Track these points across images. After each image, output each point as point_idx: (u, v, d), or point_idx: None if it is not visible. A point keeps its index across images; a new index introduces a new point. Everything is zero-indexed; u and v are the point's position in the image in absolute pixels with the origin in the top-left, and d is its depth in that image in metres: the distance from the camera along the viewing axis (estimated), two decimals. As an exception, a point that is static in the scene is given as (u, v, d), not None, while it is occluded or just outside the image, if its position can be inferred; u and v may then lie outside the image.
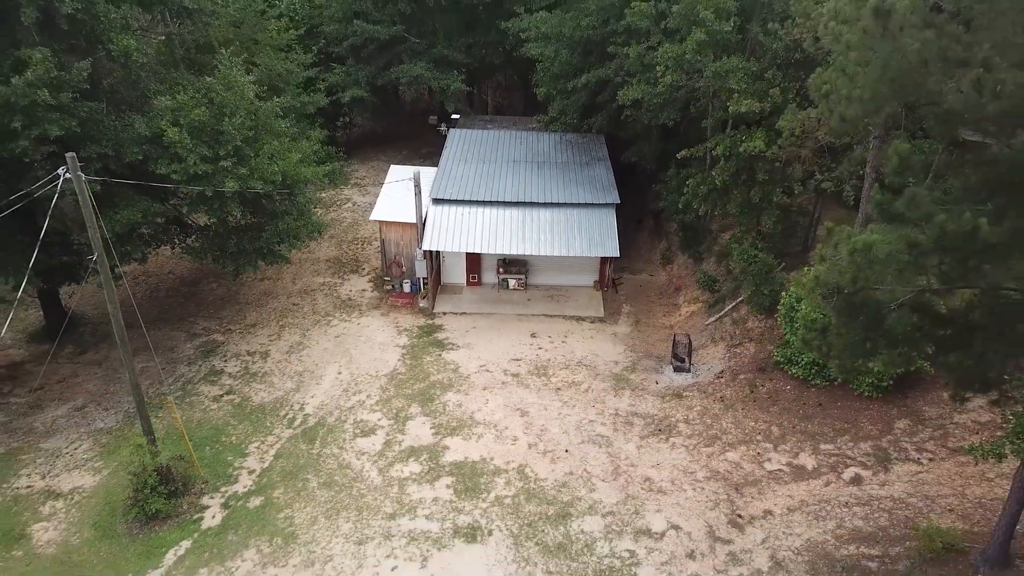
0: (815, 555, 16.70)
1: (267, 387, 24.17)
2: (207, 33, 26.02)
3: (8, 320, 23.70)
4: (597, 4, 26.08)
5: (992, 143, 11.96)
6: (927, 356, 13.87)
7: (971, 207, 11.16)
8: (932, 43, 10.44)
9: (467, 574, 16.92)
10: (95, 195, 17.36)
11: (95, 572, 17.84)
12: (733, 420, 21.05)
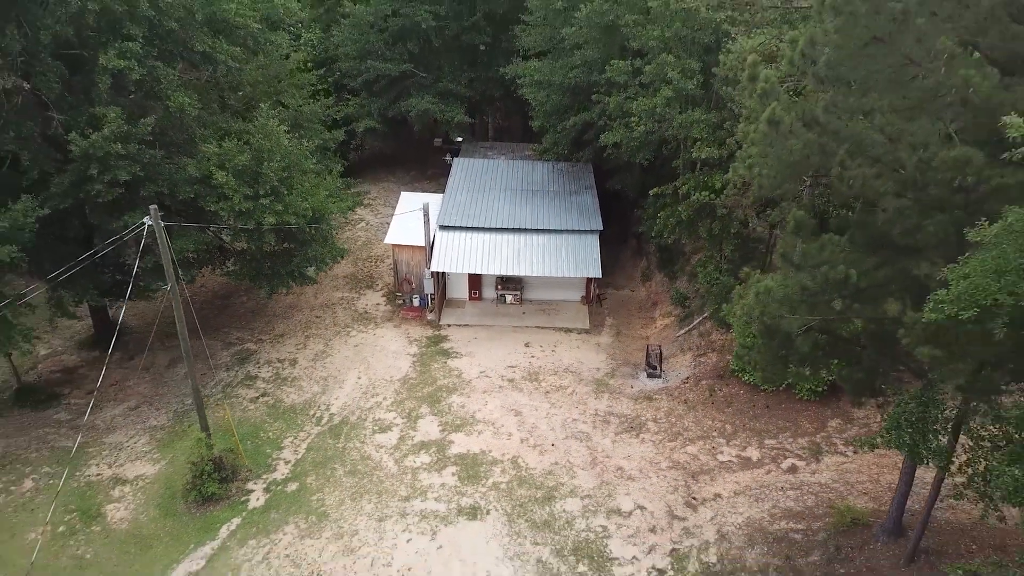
0: (753, 529, 20.34)
1: (297, 390, 27.86)
2: (239, 77, 29.59)
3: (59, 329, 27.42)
4: (582, 58, 29.77)
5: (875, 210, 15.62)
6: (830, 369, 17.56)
7: (857, 256, 14.83)
8: (813, 142, 14.08)
9: (469, 545, 20.57)
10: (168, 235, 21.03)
11: (162, 544, 21.50)
12: (694, 419, 24.71)
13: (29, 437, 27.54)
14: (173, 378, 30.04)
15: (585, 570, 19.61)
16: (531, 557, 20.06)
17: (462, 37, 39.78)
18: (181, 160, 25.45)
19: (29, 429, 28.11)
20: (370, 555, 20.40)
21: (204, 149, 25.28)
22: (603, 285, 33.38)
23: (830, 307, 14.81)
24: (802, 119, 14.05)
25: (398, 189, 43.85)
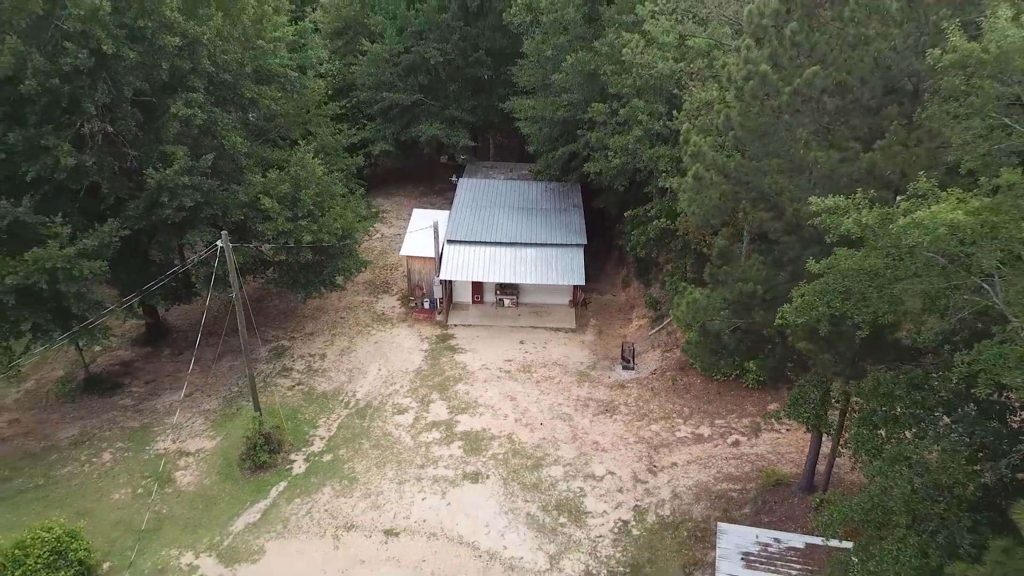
0: (700, 489, 25.13)
1: (327, 380, 32.69)
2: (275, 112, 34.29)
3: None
4: (568, 99, 34.55)
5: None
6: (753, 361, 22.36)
7: (769, 274, 19.55)
8: (728, 191, 18.86)
9: (472, 503, 25.36)
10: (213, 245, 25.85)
11: (224, 502, 26.32)
12: (658, 403, 29.50)
13: (101, 419, 32.41)
14: (219, 370, 34.87)
15: (565, 521, 24.41)
16: (522, 511, 24.86)
17: (466, 70, 44.55)
18: (232, 187, 30.25)
19: (100, 412, 32.98)
20: (392, 510, 25.22)
21: (251, 179, 30.08)
22: (588, 290, 38.15)
23: (749, 313, 19.62)
24: (721, 173, 18.85)
25: (409, 203, 48.70)
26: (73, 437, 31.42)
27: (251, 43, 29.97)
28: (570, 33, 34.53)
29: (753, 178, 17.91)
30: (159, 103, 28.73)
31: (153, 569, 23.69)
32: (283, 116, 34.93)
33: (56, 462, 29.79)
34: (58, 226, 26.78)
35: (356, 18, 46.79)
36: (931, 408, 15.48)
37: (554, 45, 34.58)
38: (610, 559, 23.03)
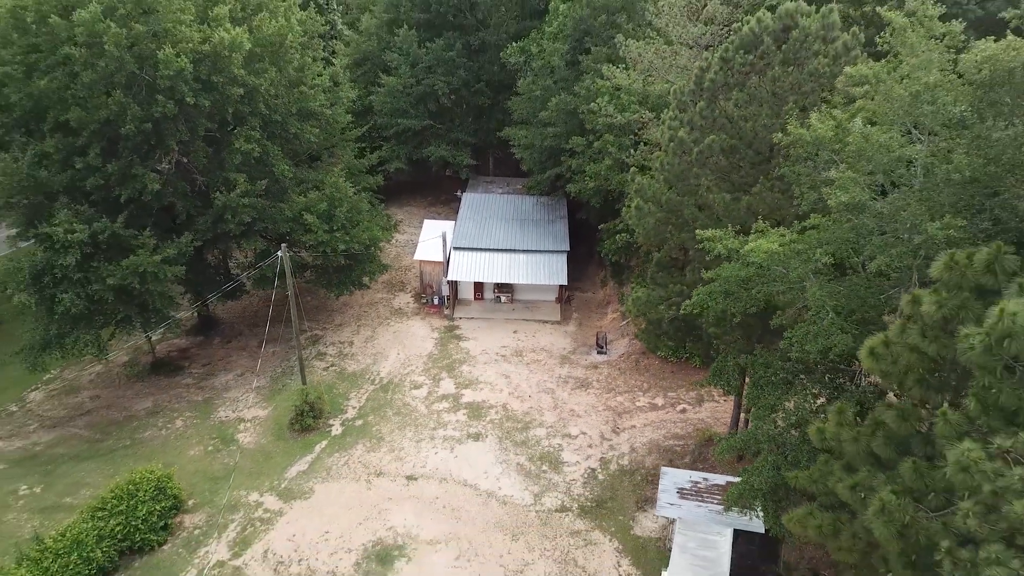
0: (652, 445, 31.75)
1: (355, 362, 39.31)
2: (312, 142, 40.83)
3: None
4: (553, 131, 41.14)
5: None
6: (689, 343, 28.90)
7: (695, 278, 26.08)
8: (662, 218, 25.43)
9: (474, 456, 31.93)
10: (266, 254, 32.41)
11: (279, 456, 32.92)
12: (623, 380, 36.12)
13: (169, 394, 39.07)
14: (264, 355, 41.46)
15: (547, 469, 31.04)
16: (513, 462, 31.50)
17: (469, 99, 51.11)
18: (279, 205, 36.84)
19: (167, 389, 39.64)
20: (412, 461, 31.85)
21: (295, 199, 36.68)
22: (571, 289, 44.72)
23: (677, 308, 26.19)
24: (656, 204, 25.45)
25: (419, 212, 55.31)
26: (148, 409, 38.11)
27: (296, 88, 36.57)
28: (555, 75, 41.12)
29: (677, 209, 24.49)
30: (223, 138, 35.35)
31: (227, 504, 30.33)
32: (315, 140, 41.51)
33: (137, 428, 36.49)
34: (146, 238, 33.42)
35: (374, 52, 53.31)
36: (795, 373, 22.04)
37: (542, 86, 41.18)
38: (580, 496, 29.67)
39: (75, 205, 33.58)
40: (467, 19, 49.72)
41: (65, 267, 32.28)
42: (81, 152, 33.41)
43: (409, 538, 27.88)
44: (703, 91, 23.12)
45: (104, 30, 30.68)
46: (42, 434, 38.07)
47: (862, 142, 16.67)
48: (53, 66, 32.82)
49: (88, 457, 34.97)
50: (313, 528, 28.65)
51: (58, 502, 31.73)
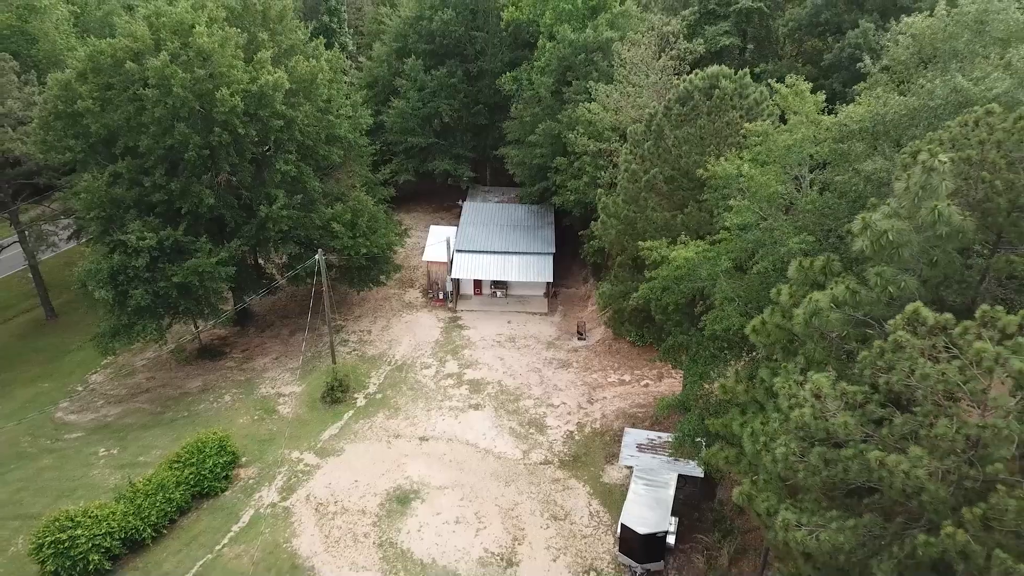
0: (619, 412, 38.44)
1: (373, 347, 45.94)
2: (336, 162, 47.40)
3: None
4: (540, 152, 47.73)
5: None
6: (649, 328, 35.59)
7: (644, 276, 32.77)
8: (621, 229, 32.04)
9: (474, 421, 38.58)
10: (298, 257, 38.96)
11: (313, 423, 39.53)
12: (598, 361, 42.80)
13: (216, 375, 45.68)
14: (294, 342, 48.10)
15: (533, 431, 37.71)
16: (506, 426, 38.19)
17: (469, 119, 57.68)
18: (311, 216, 43.41)
19: (213, 371, 46.23)
20: (423, 426, 38.49)
21: (323, 211, 43.26)
22: (557, 285, 51.36)
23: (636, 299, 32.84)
24: (616, 218, 32.09)
25: (425, 218, 61.92)
26: (199, 387, 44.75)
27: (325, 118, 43.13)
28: (542, 104, 47.73)
29: (632, 223, 31.14)
30: (265, 160, 41.92)
31: (274, 461, 36.97)
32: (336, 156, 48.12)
33: (192, 402, 43.13)
34: (203, 244, 40.02)
35: (385, 76, 59.82)
36: (720, 348, 28.66)
37: (531, 113, 47.80)
38: (560, 452, 36.36)
39: (143, 216, 40.14)
40: (467, 49, 56.28)
41: (137, 268, 38.89)
42: (148, 172, 39.96)
43: (422, 484, 34.56)
44: (651, 132, 29.75)
45: (172, 74, 37.23)
46: (109, 409, 44.71)
47: (749, 180, 23.33)
48: (125, 101, 39.35)
49: (153, 426, 41.60)
50: (345, 478, 35.31)
51: (133, 460, 38.30)
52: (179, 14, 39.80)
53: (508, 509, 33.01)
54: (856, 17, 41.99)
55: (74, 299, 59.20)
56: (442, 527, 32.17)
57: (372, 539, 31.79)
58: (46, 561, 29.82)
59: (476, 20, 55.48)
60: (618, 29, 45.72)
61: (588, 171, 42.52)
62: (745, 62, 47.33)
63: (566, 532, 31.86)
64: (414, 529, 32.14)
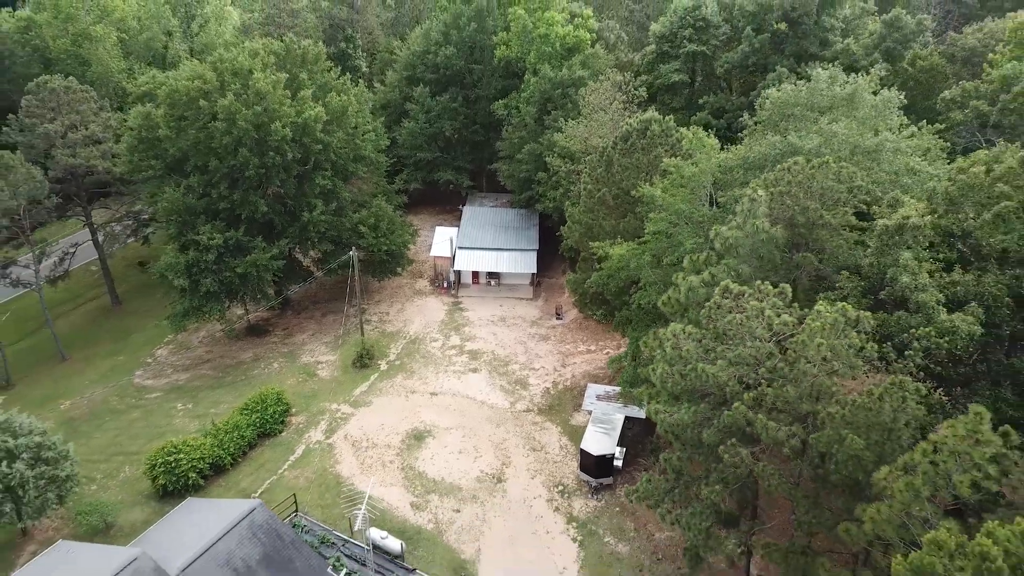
0: (585, 373, 48.57)
1: (392, 325, 56.02)
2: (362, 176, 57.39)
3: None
4: (526, 167, 57.66)
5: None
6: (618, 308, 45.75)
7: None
8: (583, 232, 42.06)
9: (473, 381, 48.67)
10: (331, 253, 49.00)
11: (346, 383, 49.60)
12: (571, 335, 52.92)
13: (263, 348, 55.74)
14: (326, 322, 58.17)
15: (519, 388, 47.83)
16: (497, 384, 48.34)
17: (468, 136, 67.58)
18: (342, 220, 53.37)
19: (261, 345, 56.29)
20: (433, 384, 48.61)
21: (351, 216, 53.25)
22: (541, 276, 61.39)
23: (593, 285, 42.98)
24: (579, 224, 42.13)
25: (431, 220, 71.92)
26: (251, 357, 54.80)
27: (353, 141, 53.10)
28: (527, 129, 57.67)
29: (590, 227, 41.17)
30: (306, 176, 51.88)
31: (318, 411, 47.01)
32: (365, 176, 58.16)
33: (247, 369, 53.18)
34: (258, 243, 50.02)
35: (396, 100, 69.64)
36: (651, 319, 38.66)
37: (518, 136, 57.77)
38: (539, 403, 46.46)
39: (211, 221, 50.11)
40: (466, 79, 66.15)
41: (207, 261, 48.89)
42: (214, 186, 49.89)
43: (433, 426, 44.67)
44: (603, 161, 39.75)
45: (237, 111, 47.12)
46: (179, 375, 54.79)
47: (663, 200, 33.38)
48: (196, 130, 49.25)
49: (217, 387, 51.66)
50: (373, 422, 45.41)
51: (205, 412, 48.33)
52: (240, 60, 49.68)
53: (498, 443, 43.16)
54: (775, 61, 51.97)
55: (134, 288, 69.62)
56: (448, 456, 42.31)
57: (396, 464, 41.93)
58: (158, 477, 39.98)
59: (474, 55, 65.31)
60: (588, 68, 55.69)
61: (563, 184, 52.52)
62: (693, 93, 57.27)
63: (542, 459, 42.03)
64: (427, 457, 42.28)
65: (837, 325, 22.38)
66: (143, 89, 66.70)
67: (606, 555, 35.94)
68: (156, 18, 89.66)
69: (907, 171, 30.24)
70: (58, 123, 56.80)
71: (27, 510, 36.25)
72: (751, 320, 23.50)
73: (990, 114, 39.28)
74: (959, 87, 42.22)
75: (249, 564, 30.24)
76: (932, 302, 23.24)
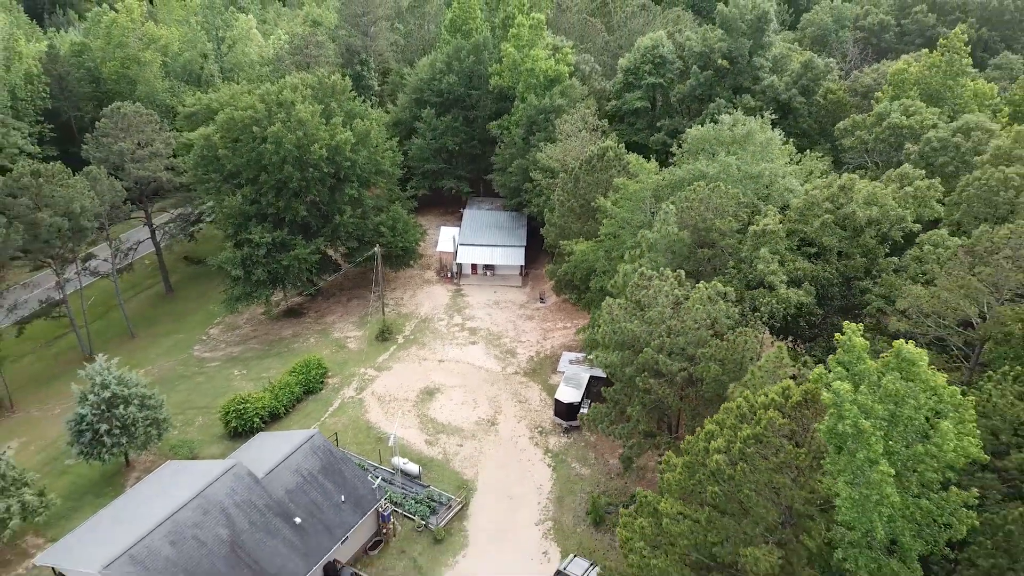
0: (562, 344, 59.99)
1: (406, 308, 67.43)
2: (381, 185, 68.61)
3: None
4: (515, 178, 68.85)
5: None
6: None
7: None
8: (557, 233, 53.47)
9: (472, 351, 60.05)
10: (357, 249, 60.37)
11: (370, 352, 61.00)
12: (552, 316, 64.38)
13: (300, 327, 67.19)
14: (352, 306, 69.57)
15: (509, 356, 59.24)
16: (492, 353, 59.83)
17: (468, 150, 78.76)
18: (365, 222, 64.65)
19: (297, 324, 67.73)
20: (441, 353, 60.02)
21: (373, 219, 64.54)
22: (528, 267, 72.72)
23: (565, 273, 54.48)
24: (553, 225, 53.52)
25: (436, 220, 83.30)
26: (291, 334, 66.22)
27: (374, 158, 64.38)
28: (516, 147, 68.90)
29: (563, 228, 52.49)
30: (337, 186, 63.15)
31: (349, 374, 58.38)
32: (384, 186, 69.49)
33: (288, 343, 64.60)
34: (299, 241, 61.35)
35: (406, 119, 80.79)
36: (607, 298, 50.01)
37: (509, 153, 69.02)
38: (525, 368, 57.88)
39: (261, 223, 61.37)
40: (466, 102, 77.32)
41: (259, 255, 60.22)
42: (263, 195, 61.12)
43: (441, 385, 56.08)
44: (572, 178, 51.05)
45: (283, 135, 58.31)
46: (232, 348, 66.17)
47: (614, 209, 44.68)
48: (248, 150, 60.45)
49: (265, 357, 63.04)
50: (394, 382, 56.82)
51: (258, 376, 59.70)
52: (284, 94, 60.86)
53: (492, 397, 54.62)
54: (717, 92, 63.25)
55: (183, 279, 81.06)
56: (453, 406, 53.75)
57: (413, 413, 53.38)
58: (230, 421, 51.39)
59: (472, 82, 76.45)
60: (566, 96, 66.88)
61: (544, 193, 63.80)
62: (653, 117, 68.48)
63: (526, 409, 53.51)
64: (437, 408, 53.73)
65: (711, 297, 33.79)
66: (192, 109, 78.04)
67: (572, 476, 47.39)
68: (193, 43, 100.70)
69: (785, 190, 41.55)
70: (128, 141, 67.94)
71: (136, 443, 47.57)
72: (657, 294, 34.90)
73: (869, 142, 50.65)
74: (850, 119, 53.52)
75: (313, 472, 41.69)
76: (777, 282, 34.63)
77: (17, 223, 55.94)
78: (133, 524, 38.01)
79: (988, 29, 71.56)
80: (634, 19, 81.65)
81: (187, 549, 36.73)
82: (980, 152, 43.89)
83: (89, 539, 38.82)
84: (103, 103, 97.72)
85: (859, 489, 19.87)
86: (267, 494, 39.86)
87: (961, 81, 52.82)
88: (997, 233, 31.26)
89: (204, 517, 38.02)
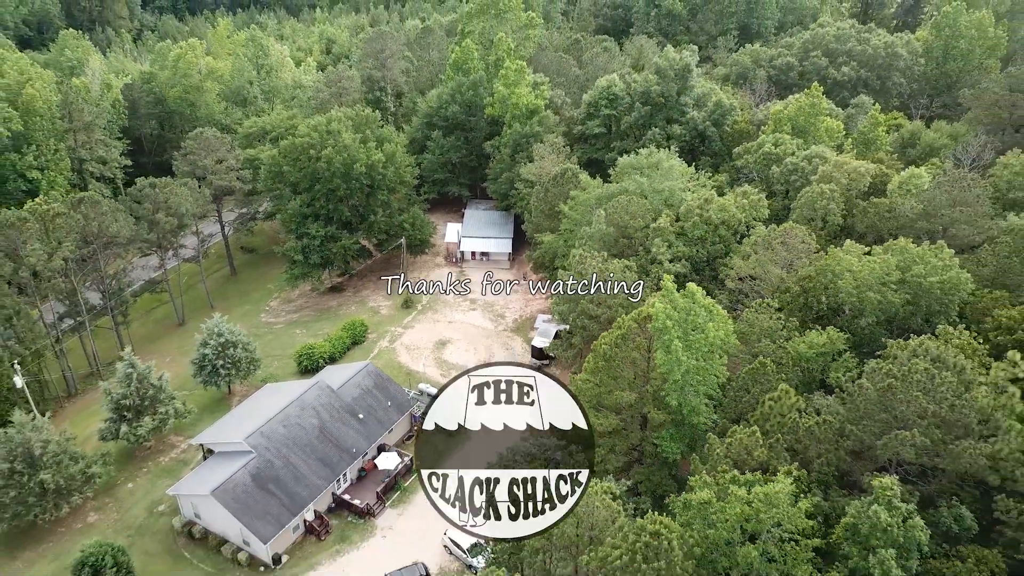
0: (540, 309, 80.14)
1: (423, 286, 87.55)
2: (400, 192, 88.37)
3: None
4: (504, 185, 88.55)
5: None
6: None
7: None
8: (534, 227, 73.40)
9: (473, 315, 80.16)
10: (386, 240, 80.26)
11: (397, 318, 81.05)
12: (535, 298, 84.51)
13: (342, 299, 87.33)
14: (381, 283, 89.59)
15: (500, 319, 79.37)
16: (487, 316, 79.91)
17: (468, 163, 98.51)
18: (392, 220, 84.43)
19: (340, 298, 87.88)
20: (451, 316, 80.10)
21: (398, 217, 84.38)
22: (515, 254, 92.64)
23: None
24: (532, 223, 73.55)
25: (443, 218, 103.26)
26: (336, 304, 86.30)
27: (399, 172, 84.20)
28: (504, 163, 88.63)
29: (538, 225, 72.43)
30: (371, 193, 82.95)
31: (383, 331, 78.43)
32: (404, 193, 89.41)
33: (335, 310, 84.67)
34: (344, 234, 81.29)
35: (419, 138, 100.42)
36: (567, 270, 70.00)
37: (500, 167, 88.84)
38: (511, 327, 77.95)
39: (315, 221, 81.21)
40: (466, 126, 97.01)
41: (314, 246, 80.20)
42: (316, 200, 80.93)
43: (450, 338, 76.19)
44: (543, 189, 70.90)
45: (333, 157, 78.05)
46: (291, 315, 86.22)
47: (567, 213, 64.62)
48: (305, 167, 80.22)
49: (318, 320, 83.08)
50: (416, 336, 76.91)
51: (315, 333, 79.69)
52: (332, 124, 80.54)
53: (487, 347, 74.76)
54: (654, 122, 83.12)
55: (243, 264, 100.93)
56: (460, 352, 73.88)
57: (431, 357, 73.53)
58: (302, 361, 71.48)
59: (471, 111, 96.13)
60: (542, 125, 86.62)
61: (526, 199, 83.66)
62: (609, 140, 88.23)
63: (511, 354, 73.69)
64: (448, 353, 73.87)
65: (622, 269, 53.90)
66: (250, 130, 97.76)
67: (542, 396, 67.70)
68: (241, 71, 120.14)
69: (680, 200, 61.47)
70: (210, 158, 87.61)
71: (240, 375, 67.52)
72: (587, 267, 54.99)
73: (752, 163, 70.76)
74: (742, 146, 73.48)
75: (368, 387, 61.82)
76: (663, 259, 54.68)
77: (143, 221, 75.70)
78: (255, 418, 58.02)
79: (865, 70, 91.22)
80: (598, 57, 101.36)
81: (293, 430, 56.82)
82: (816, 173, 64.07)
83: (228, 427, 58.87)
84: (164, 122, 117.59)
85: (668, 356, 39.75)
86: (340, 399, 59.94)
87: (820, 119, 72.87)
88: (775, 231, 51.62)
89: (302, 411, 58.12)
